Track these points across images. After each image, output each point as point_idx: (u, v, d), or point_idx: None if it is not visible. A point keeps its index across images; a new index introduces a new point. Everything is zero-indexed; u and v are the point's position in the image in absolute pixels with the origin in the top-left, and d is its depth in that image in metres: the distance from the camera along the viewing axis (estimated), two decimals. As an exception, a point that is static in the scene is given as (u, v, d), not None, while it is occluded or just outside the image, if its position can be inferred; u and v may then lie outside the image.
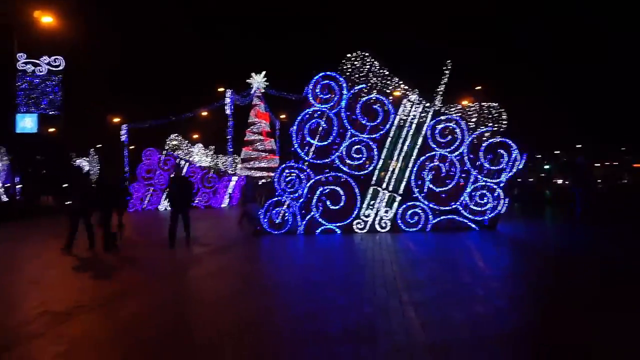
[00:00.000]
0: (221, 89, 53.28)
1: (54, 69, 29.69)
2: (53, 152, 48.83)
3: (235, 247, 12.04)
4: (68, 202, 10.46)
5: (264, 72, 63.08)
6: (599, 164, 57.96)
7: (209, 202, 30.44)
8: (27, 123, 29.96)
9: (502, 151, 13.08)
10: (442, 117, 13.45)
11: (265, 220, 13.61)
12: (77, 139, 51.34)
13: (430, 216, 13.35)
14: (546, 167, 51.25)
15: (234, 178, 38.44)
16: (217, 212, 26.28)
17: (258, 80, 63.70)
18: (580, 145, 51.87)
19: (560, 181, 29.99)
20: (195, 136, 56.68)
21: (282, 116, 69.89)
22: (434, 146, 13.38)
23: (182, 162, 30.78)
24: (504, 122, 14.66)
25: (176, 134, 39.98)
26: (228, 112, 52.27)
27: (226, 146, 53.60)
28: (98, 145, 56.97)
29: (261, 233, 13.57)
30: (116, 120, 55.17)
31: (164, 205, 28.99)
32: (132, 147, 43.37)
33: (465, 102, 24.90)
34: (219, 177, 32.23)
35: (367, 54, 15.26)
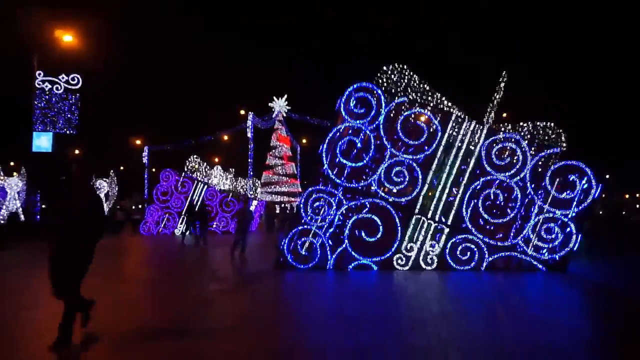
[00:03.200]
0: (242, 112, 52.44)
1: (71, 87, 28.69)
2: (71, 171, 48.28)
3: (253, 284, 10.11)
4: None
5: (285, 96, 62.41)
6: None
7: (227, 227, 28.73)
8: (42, 142, 28.90)
9: (573, 177, 10.98)
10: (500, 136, 11.47)
11: (289, 251, 11.70)
12: (96, 159, 50.87)
13: (485, 253, 11.24)
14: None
15: (254, 202, 36.79)
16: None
17: (280, 104, 62.97)
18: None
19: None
20: (216, 159, 55.68)
21: (304, 140, 68.87)
22: (490, 169, 11.38)
23: (202, 185, 29.30)
24: (564, 146, 12.61)
25: (195, 156, 38.65)
26: (249, 135, 51.16)
27: (246, 169, 52.31)
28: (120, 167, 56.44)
29: (284, 266, 11.65)
30: (137, 142, 54.75)
31: (180, 229, 27.43)
32: (154, 169, 42.41)
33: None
34: (238, 201, 30.59)
35: (404, 67, 13.42)
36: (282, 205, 44.67)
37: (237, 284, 10.08)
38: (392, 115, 11.92)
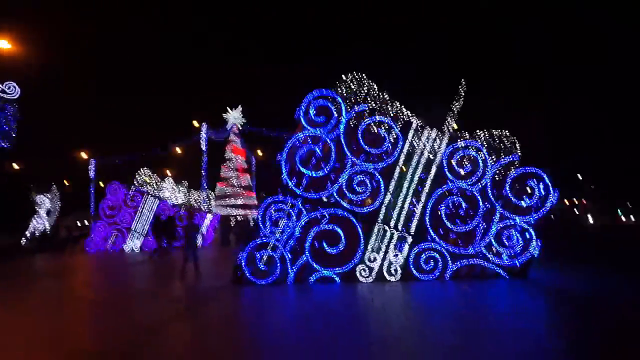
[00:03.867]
0: (196, 124, 51.13)
1: (8, 96, 26.69)
2: (7, 186, 45.04)
3: (207, 304, 9.40)
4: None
5: (239, 108, 61.43)
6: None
7: (179, 241, 27.48)
8: (-25, 155, 26.55)
9: (532, 183, 11.08)
10: (460, 144, 11.43)
11: (247, 266, 11.08)
12: (36, 172, 47.77)
13: (449, 261, 11.09)
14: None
15: (209, 216, 35.60)
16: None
17: (235, 116, 61.82)
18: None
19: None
20: (168, 173, 53.86)
21: (259, 152, 68.02)
22: (452, 177, 11.30)
23: (153, 199, 27.97)
24: (518, 153, 12.79)
25: (146, 168, 36.98)
26: (203, 147, 49.86)
27: (200, 182, 50.84)
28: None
29: (242, 282, 11.00)
30: (83, 154, 52.02)
31: (130, 245, 25.98)
32: (101, 183, 40.25)
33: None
34: (191, 215, 29.39)
35: (363, 75, 13.24)
36: (237, 218, 43.55)
37: (190, 304, 9.33)
38: (352, 124, 11.65)
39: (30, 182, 37.96)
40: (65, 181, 55.76)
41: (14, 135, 28.37)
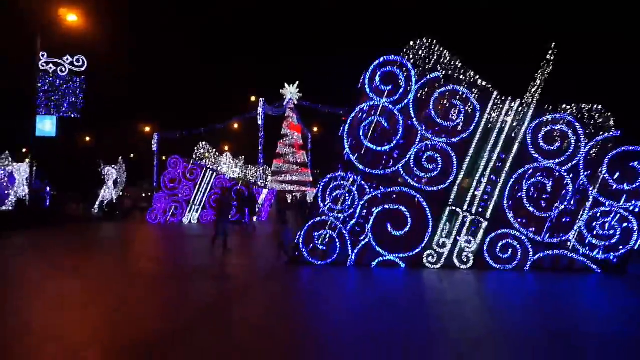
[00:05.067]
0: (253, 99, 51.20)
1: (76, 69, 27.47)
2: (79, 158, 47.43)
3: (265, 283, 8.85)
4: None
5: (297, 83, 60.97)
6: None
7: (235, 216, 27.58)
8: (46, 126, 27.80)
9: (636, 165, 9.50)
10: (548, 117, 9.99)
11: (304, 246, 10.42)
12: (104, 145, 50.02)
13: (529, 250, 9.85)
14: None
15: (264, 191, 35.62)
16: (244, 229, 23.24)
17: (291, 91, 61.67)
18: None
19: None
20: (226, 147, 54.61)
21: (315, 129, 67.45)
22: (537, 155, 9.93)
23: (211, 173, 28.14)
24: (613, 130, 11.08)
25: (204, 142, 37.41)
26: (260, 122, 49.91)
27: (256, 157, 51.17)
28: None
29: (299, 262, 10.39)
30: (147, 128, 53.75)
31: (189, 217, 26.36)
32: (164, 157, 41.41)
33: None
34: (248, 190, 29.43)
35: (434, 41, 11.92)
36: (293, 195, 43.39)
37: (247, 284, 8.79)
38: (422, 93, 10.51)
39: (99, 154, 39.72)
40: (131, 155, 58.12)
41: (81, 106, 29.46)
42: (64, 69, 28.05)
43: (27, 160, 31.92)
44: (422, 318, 6.28)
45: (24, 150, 41.15)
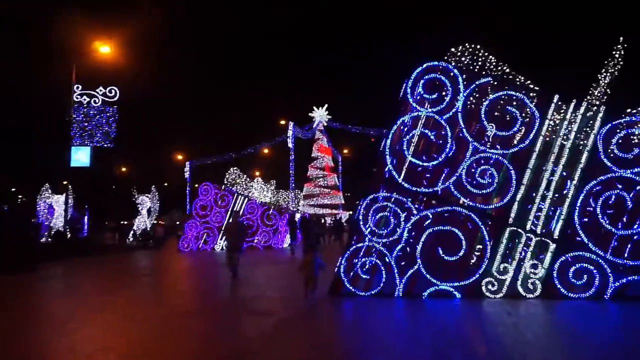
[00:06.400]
0: (283, 122, 51.04)
1: (109, 99, 27.76)
2: (113, 187, 48.07)
3: (302, 319, 7.81)
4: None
5: (325, 105, 60.82)
6: None
7: (269, 241, 26.76)
8: (80, 156, 28.01)
9: None
10: (623, 121, 8.72)
11: (345, 275, 9.35)
12: (138, 174, 50.66)
13: (609, 275, 8.47)
14: None
15: (297, 215, 34.83)
16: (278, 255, 22.33)
17: (320, 114, 61.54)
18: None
19: None
20: (257, 173, 54.42)
21: (345, 151, 66.71)
22: (611, 165, 8.64)
23: (242, 198, 27.55)
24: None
25: (235, 168, 37.08)
26: (290, 145, 49.52)
27: (288, 181, 50.63)
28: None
29: (340, 293, 9.31)
30: (179, 157, 54.28)
31: (221, 244, 25.71)
32: (196, 185, 41.48)
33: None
34: (280, 214, 28.63)
35: (477, 47, 10.89)
36: (327, 218, 42.32)
37: (284, 319, 7.78)
38: (471, 102, 9.46)
39: (133, 183, 40.11)
40: (165, 183, 58.71)
41: (114, 135, 29.69)
42: (97, 100, 28.44)
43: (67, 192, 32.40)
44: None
45: (65, 182, 42.13)
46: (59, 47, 28.82)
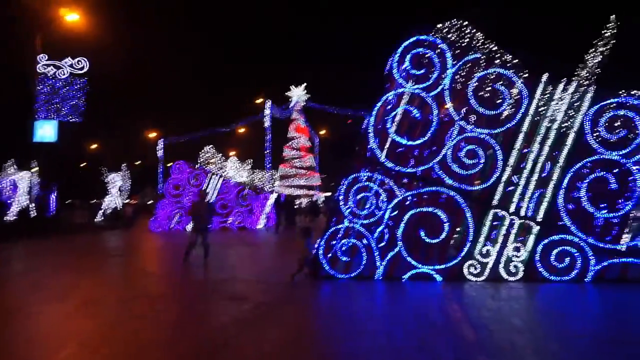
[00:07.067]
0: (260, 101, 49.93)
1: (77, 71, 26.28)
2: (83, 164, 46.27)
3: (286, 302, 7.43)
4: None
5: (304, 85, 59.65)
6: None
7: (242, 222, 26.21)
8: (46, 131, 26.61)
9: None
10: (611, 102, 8.52)
11: (325, 257, 9.00)
12: (109, 151, 48.95)
13: (590, 259, 8.37)
14: None
15: (272, 195, 34.31)
16: (254, 236, 21.87)
17: (298, 94, 60.33)
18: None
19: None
20: (232, 153, 53.33)
21: (322, 132, 66.01)
22: (597, 146, 8.47)
23: (216, 178, 26.84)
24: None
25: (210, 146, 36.18)
26: (267, 124, 48.60)
27: (264, 161, 49.82)
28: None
29: (318, 276, 8.97)
30: (152, 134, 52.66)
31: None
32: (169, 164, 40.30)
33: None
34: (255, 194, 28.07)
35: (465, 23, 10.50)
36: (304, 199, 41.91)
37: (261, 304, 7.37)
38: (458, 79, 9.10)
39: (103, 161, 38.68)
40: (139, 162, 57.03)
41: (82, 109, 28.29)
42: (64, 72, 26.93)
43: (35, 168, 30.92)
44: (482, 347, 4.84)
45: (29, 158, 40.31)
46: (22, 14, 26.95)
